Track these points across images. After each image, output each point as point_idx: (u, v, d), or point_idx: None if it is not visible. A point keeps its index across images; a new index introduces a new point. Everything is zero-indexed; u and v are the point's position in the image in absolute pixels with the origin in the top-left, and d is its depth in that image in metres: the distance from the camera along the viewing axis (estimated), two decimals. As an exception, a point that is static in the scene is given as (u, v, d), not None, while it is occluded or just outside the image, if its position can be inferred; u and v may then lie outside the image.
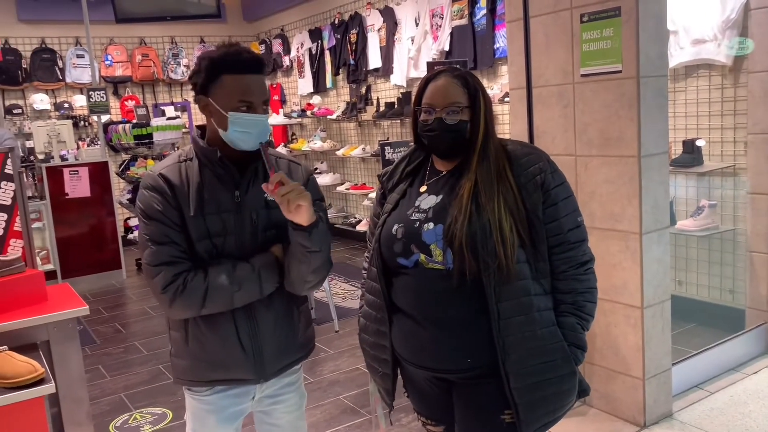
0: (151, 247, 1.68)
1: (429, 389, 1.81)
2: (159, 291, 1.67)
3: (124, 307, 6.00)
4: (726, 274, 4.22)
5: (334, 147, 7.89)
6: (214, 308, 1.71)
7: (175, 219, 1.69)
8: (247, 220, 1.75)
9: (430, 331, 1.68)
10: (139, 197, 1.74)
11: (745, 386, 3.42)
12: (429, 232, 1.67)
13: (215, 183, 1.74)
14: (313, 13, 8.22)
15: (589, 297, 1.72)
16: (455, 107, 1.68)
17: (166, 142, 7.21)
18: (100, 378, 4.22)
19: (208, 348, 1.76)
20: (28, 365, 2.06)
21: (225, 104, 1.68)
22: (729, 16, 3.90)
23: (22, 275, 2.50)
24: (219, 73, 1.67)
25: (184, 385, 1.87)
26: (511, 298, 1.61)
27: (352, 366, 4.12)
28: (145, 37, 8.95)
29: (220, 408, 1.84)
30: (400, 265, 1.72)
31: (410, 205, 1.75)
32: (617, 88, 2.91)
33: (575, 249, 1.70)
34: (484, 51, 5.72)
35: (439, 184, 1.75)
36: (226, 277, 1.68)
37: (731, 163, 4.08)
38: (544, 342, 1.64)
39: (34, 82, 8.24)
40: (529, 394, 1.62)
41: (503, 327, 1.61)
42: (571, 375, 1.68)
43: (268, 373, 1.82)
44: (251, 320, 1.77)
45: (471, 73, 1.77)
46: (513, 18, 3.31)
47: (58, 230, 6.47)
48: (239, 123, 1.68)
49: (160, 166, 1.77)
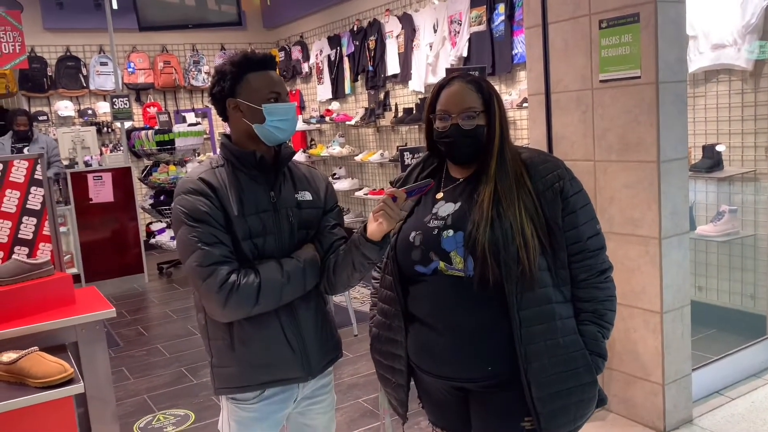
0: (201, 248, 1.68)
1: (445, 399, 1.79)
2: (214, 290, 1.67)
3: (146, 310, 6.09)
4: (747, 279, 4.19)
5: (353, 152, 7.94)
6: (266, 305, 1.73)
7: (220, 220, 1.73)
8: (284, 220, 1.80)
9: (449, 339, 1.67)
10: (179, 202, 1.75)
11: (766, 392, 3.39)
12: (449, 239, 1.67)
13: (251, 184, 1.79)
14: (332, 20, 8.29)
15: (609, 306, 1.73)
16: (471, 112, 1.67)
17: (188, 148, 7.32)
18: (123, 380, 4.29)
19: (255, 350, 1.77)
20: (58, 365, 2.12)
21: (256, 99, 1.76)
22: (749, 20, 3.89)
23: (52, 278, 2.56)
24: (243, 73, 1.77)
25: (230, 395, 1.85)
26: (532, 305, 1.61)
27: (371, 369, 4.14)
28: (166, 45, 9.08)
29: (265, 415, 1.85)
30: (418, 273, 1.71)
31: (427, 212, 1.75)
32: (636, 93, 2.92)
33: (595, 257, 1.70)
34: (503, 57, 5.74)
35: (456, 191, 1.75)
36: (277, 271, 1.73)
37: (752, 168, 4.06)
38: (567, 350, 1.64)
39: (59, 90, 8.40)
40: (551, 404, 1.62)
41: (525, 335, 1.60)
42: (593, 384, 1.68)
43: (314, 369, 1.86)
44: (294, 317, 1.80)
45: (484, 78, 1.78)
46: (532, 24, 3.33)
47: (81, 235, 6.59)
48: (275, 112, 1.77)
49: (196, 173, 1.80)
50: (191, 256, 1.70)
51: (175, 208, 1.76)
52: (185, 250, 1.72)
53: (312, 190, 1.89)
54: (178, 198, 1.76)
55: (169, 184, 7.15)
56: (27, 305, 2.44)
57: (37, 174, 2.86)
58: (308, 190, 1.88)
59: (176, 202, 1.77)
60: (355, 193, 7.85)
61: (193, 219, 1.71)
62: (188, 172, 1.91)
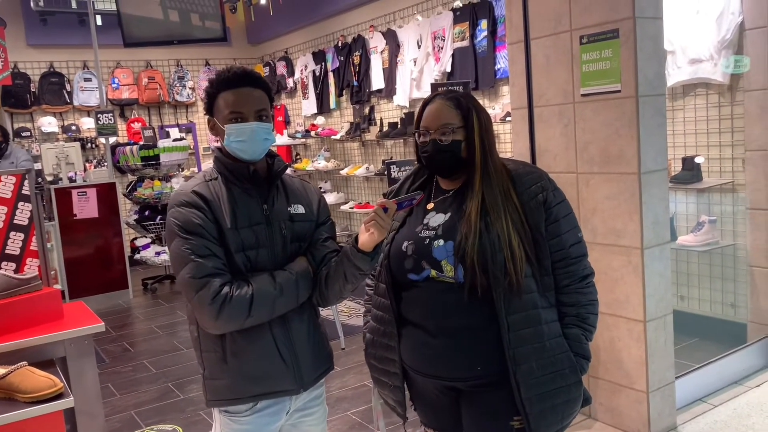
0: (195, 260, 1.70)
1: (437, 399, 1.85)
2: (207, 302, 1.68)
3: (131, 326, 6.05)
4: (727, 288, 4.27)
5: (338, 166, 7.99)
6: (259, 317, 1.74)
7: (213, 233, 1.74)
8: (277, 233, 1.82)
9: (442, 340, 1.73)
10: (172, 214, 1.77)
11: (748, 399, 3.45)
12: (439, 248, 1.73)
13: (245, 198, 1.81)
14: (317, 35, 8.36)
15: (592, 309, 1.80)
16: (446, 129, 1.76)
17: (173, 163, 7.31)
18: (110, 396, 4.26)
19: (248, 362, 1.78)
20: (47, 380, 2.11)
21: (222, 119, 1.80)
22: (724, 36, 4.00)
23: (40, 293, 2.55)
24: (216, 92, 1.81)
25: (222, 407, 1.85)
26: (519, 311, 1.68)
27: (359, 382, 4.16)
28: (151, 60, 9.10)
29: (258, 428, 1.85)
30: (411, 281, 1.78)
31: (418, 223, 1.81)
32: (617, 107, 2.99)
33: (577, 263, 1.78)
34: (485, 72, 5.83)
35: (446, 203, 1.82)
36: (269, 283, 1.75)
37: (730, 179, 4.15)
38: (553, 353, 1.71)
39: (42, 106, 8.37)
40: (539, 404, 1.68)
41: (513, 339, 1.67)
42: (578, 384, 1.75)
43: (306, 382, 1.87)
44: (287, 330, 1.82)
45: (467, 94, 1.85)
46: (514, 40, 3.40)
47: (66, 250, 6.54)
48: (233, 133, 1.78)
49: (189, 186, 1.82)
50: (184, 268, 1.72)
51: (169, 220, 1.78)
52: (178, 262, 1.74)
53: (305, 203, 1.92)
54: (171, 210, 1.78)
55: (153, 200, 7.14)
56: (15, 320, 2.44)
57: (24, 189, 2.86)
58: (301, 203, 1.90)
59: (170, 214, 1.79)
60: (341, 207, 7.88)
61: (186, 231, 1.73)
62: (182, 185, 1.93)
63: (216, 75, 1.83)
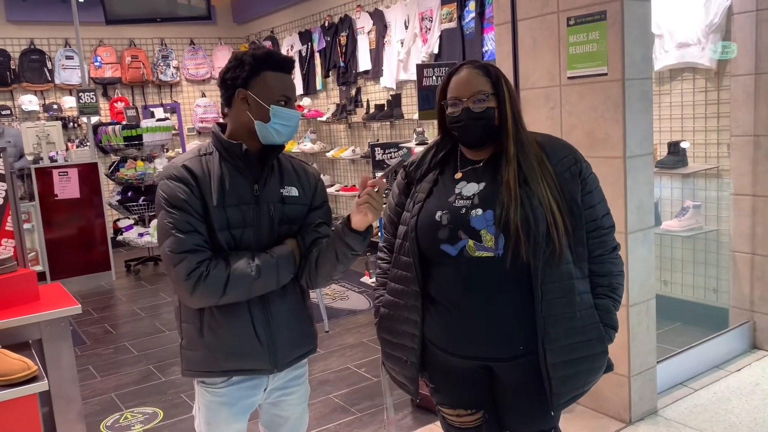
0: (175, 235, 1.71)
1: (469, 377, 1.83)
2: (182, 278, 1.69)
3: (113, 308, 6.00)
4: (710, 273, 4.29)
5: (324, 149, 7.92)
6: (234, 297, 1.74)
7: (198, 209, 1.74)
8: (265, 213, 1.81)
9: (477, 320, 1.72)
10: (161, 187, 1.77)
11: (728, 383, 3.48)
12: (478, 218, 1.71)
13: (236, 176, 1.80)
14: (303, 15, 8.25)
15: (621, 280, 1.83)
16: (480, 96, 1.73)
17: (156, 143, 7.22)
18: (90, 378, 4.22)
19: (223, 338, 1.79)
20: (21, 363, 2.08)
21: (266, 98, 1.77)
22: (712, 20, 3.97)
23: (15, 274, 2.51)
24: (261, 69, 1.77)
25: (197, 377, 1.88)
26: (555, 280, 1.69)
27: (341, 366, 4.15)
28: (134, 39, 8.94)
29: (233, 400, 1.87)
30: (442, 253, 1.73)
31: (450, 193, 1.77)
32: (603, 90, 2.96)
33: (609, 234, 1.81)
34: (473, 54, 5.77)
35: (478, 172, 1.78)
36: (247, 265, 1.73)
37: (715, 164, 4.15)
38: (583, 322, 1.73)
39: (22, 84, 8.21)
40: (563, 370, 1.71)
41: (545, 307, 1.69)
42: (603, 354, 1.78)
43: (281, 364, 1.87)
44: (266, 311, 1.82)
45: (491, 64, 1.83)
46: (501, 21, 3.36)
47: (47, 231, 6.46)
48: (280, 115, 1.78)
49: (181, 159, 1.81)
50: (166, 241, 1.73)
51: (158, 192, 1.78)
52: (161, 235, 1.75)
53: (299, 185, 1.89)
54: (161, 183, 1.78)
55: (136, 180, 7.05)
56: (-11, 302, 2.39)
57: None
58: (295, 186, 1.88)
59: (159, 186, 1.79)
60: (327, 190, 7.82)
61: (171, 205, 1.73)
62: (177, 156, 1.91)
63: (263, 52, 1.79)
